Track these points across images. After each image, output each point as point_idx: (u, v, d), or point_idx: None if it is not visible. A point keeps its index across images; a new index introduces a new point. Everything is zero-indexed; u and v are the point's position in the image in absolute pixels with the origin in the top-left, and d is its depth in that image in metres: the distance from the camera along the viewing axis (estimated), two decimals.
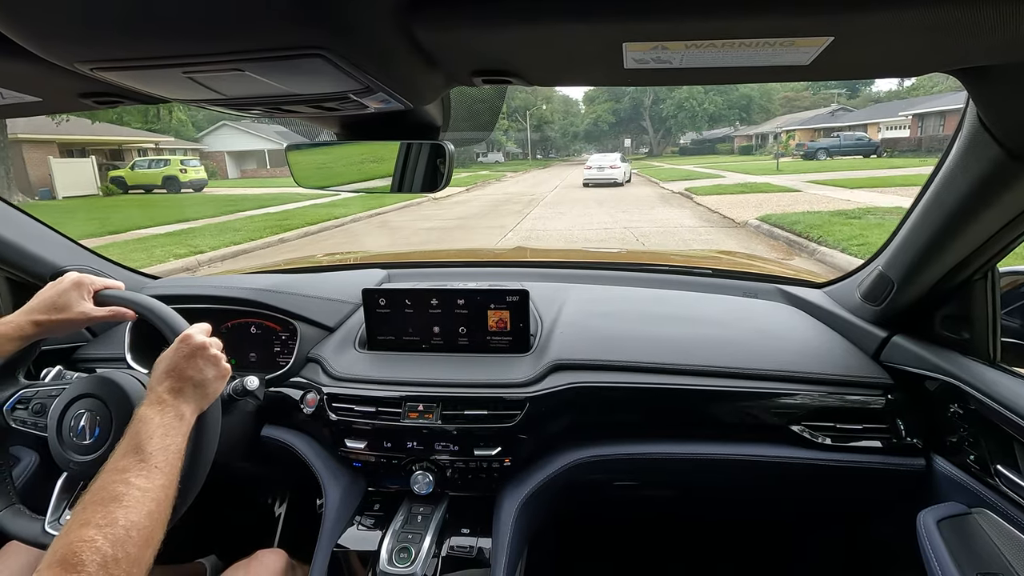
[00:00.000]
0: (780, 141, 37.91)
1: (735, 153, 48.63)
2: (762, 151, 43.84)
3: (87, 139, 23.46)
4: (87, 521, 0.61)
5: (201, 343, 0.88)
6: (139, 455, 0.71)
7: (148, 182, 22.84)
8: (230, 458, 1.16)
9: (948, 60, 0.61)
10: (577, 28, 0.50)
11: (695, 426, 1.21)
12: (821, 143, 29.90)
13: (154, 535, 0.66)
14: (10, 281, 1.38)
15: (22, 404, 1.04)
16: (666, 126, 59.62)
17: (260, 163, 36.81)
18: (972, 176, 0.83)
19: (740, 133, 53.24)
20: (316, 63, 0.49)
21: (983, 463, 0.97)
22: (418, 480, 1.15)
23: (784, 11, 0.46)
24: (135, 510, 0.65)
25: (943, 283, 1.03)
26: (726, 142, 54.44)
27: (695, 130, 57.42)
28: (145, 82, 0.57)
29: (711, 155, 49.28)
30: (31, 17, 0.45)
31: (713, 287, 1.60)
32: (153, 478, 0.70)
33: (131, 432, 0.74)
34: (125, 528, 0.62)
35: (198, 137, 36.63)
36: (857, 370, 1.18)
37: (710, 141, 56.18)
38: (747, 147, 47.76)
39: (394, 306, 1.29)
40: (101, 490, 0.66)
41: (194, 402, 0.84)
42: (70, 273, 0.99)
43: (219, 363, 0.90)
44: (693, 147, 56.62)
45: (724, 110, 53.29)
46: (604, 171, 20.20)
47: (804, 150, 29.79)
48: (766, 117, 54.08)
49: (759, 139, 47.93)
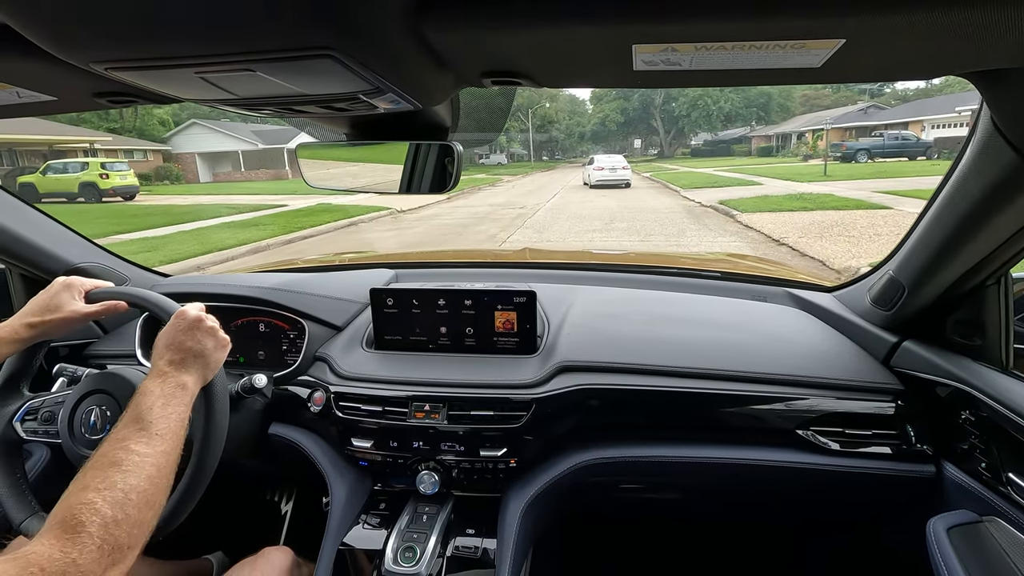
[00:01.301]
0: (805, 141, 35.99)
1: (753, 155, 44.48)
2: (784, 152, 40.27)
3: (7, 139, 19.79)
4: (86, 485, 0.62)
5: (196, 316, 0.90)
6: (139, 424, 0.72)
7: (63, 189, 18.94)
8: (238, 455, 1.17)
9: (962, 63, 0.60)
10: (586, 30, 0.50)
11: (702, 429, 1.20)
12: (862, 143, 26.11)
13: (155, 498, 0.67)
14: (25, 278, 1.40)
15: (31, 415, 1.06)
16: (678, 126, 54.56)
17: (235, 165, 34.02)
18: (985, 181, 0.82)
19: (758, 133, 48.58)
20: (326, 64, 0.50)
21: (994, 471, 0.96)
22: (424, 480, 1.15)
23: (795, 13, 0.46)
24: (134, 474, 0.65)
25: (955, 288, 1.02)
26: (742, 143, 49.87)
27: (710, 130, 52.54)
28: (158, 82, 0.58)
29: (726, 157, 44.83)
30: (48, 18, 0.45)
31: (722, 290, 1.59)
32: (153, 444, 0.70)
33: (132, 404, 0.75)
34: (124, 491, 0.63)
35: (165, 137, 33.66)
36: (867, 375, 1.17)
37: (725, 142, 51.39)
38: (767, 148, 43.55)
39: (401, 306, 1.29)
40: (102, 457, 0.67)
41: (196, 372, 0.85)
42: (60, 278, 1.02)
43: (216, 334, 0.91)
44: (706, 148, 51.60)
45: (741, 109, 48.96)
46: (617, 172, 20.04)
47: (842, 151, 25.90)
48: (785, 116, 49.61)
49: (780, 139, 43.65)
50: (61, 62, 0.52)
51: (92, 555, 0.56)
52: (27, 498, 1.00)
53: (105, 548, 0.57)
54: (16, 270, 1.39)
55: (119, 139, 29.33)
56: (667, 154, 56.39)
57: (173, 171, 30.84)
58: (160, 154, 32.04)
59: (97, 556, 0.56)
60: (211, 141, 32.89)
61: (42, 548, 0.54)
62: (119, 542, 0.59)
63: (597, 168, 20.55)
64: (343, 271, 1.79)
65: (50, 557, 0.53)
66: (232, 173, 33.73)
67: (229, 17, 0.44)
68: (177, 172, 31.18)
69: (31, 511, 0.98)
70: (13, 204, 1.30)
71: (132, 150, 29.46)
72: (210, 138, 32.81)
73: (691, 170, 28.20)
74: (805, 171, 21.15)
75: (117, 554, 0.58)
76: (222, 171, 34.27)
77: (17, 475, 1.02)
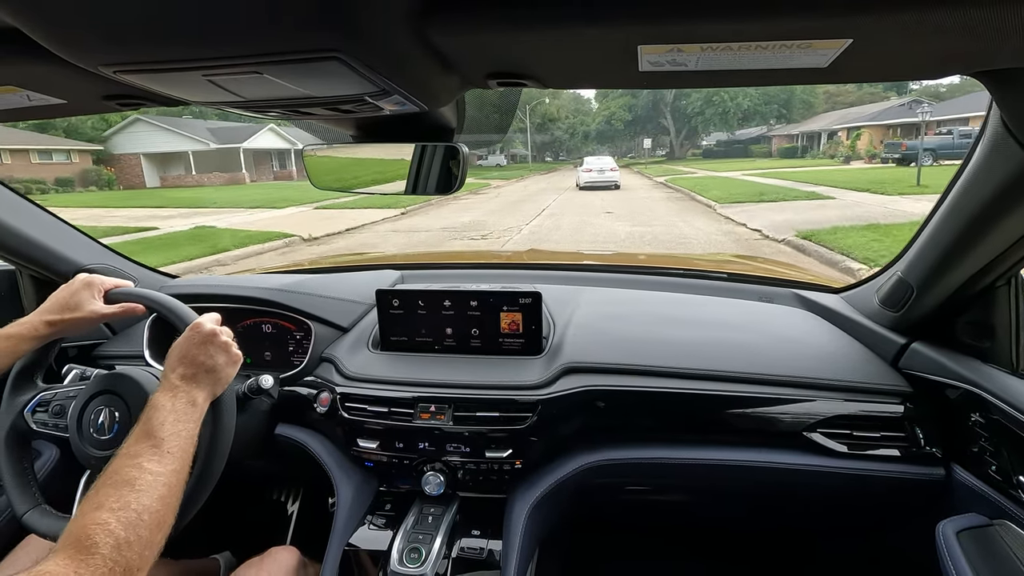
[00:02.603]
0: (838, 141, 32.97)
1: (775, 156, 41.00)
2: (813, 154, 36.66)
3: None
4: (100, 504, 0.63)
5: (211, 330, 0.90)
6: (151, 440, 0.72)
7: None
8: (244, 455, 1.17)
9: (971, 63, 0.60)
10: (591, 31, 0.50)
11: (708, 431, 1.20)
12: (929, 142, 20.31)
13: (166, 518, 0.67)
14: (35, 279, 1.42)
15: (42, 407, 1.07)
16: (691, 124, 48.85)
17: (188, 167, 29.89)
18: (995, 181, 0.81)
19: (779, 132, 45.08)
20: (332, 66, 0.50)
21: (1005, 473, 0.95)
22: (429, 481, 1.15)
23: (801, 13, 0.46)
24: (147, 494, 0.66)
25: (965, 289, 1.01)
26: (761, 143, 46.62)
27: (726, 129, 47.83)
28: (166, 84, 0.58)
29: (744, 159, 41.03)
30: (58, 21, 0.46)
31: (728, 291, 1.58)
32: (165, 463, 0.71)
33: (144, 418, 0.76)
34: (137, 512, 0.63)
35: (105, 136, 28.89)
36: (875, 377, 1.16)
37: (741, 142, 47.90)
38: (790, 149, 40.17)
39: (407, 307, 1.30)
40: (115, 474, 0.67)
41: (207, 388, 0.86)
42: (80, 275, 1.02)
43: (229, 349, 0.92)
44: (719, 149, 47.92)
45: (760, 105, 43.26)
46: (604, 174, 20.43)
47: (901, 151, 21.30)
48: (806, 115, 45.24)
49: (806, 139, 40.06)
50: (71, 65, 0.52)
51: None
52: (32, 490, 1.01)
53: (116, 570, 0.58)
54: (26, 271, 1.41)
55: (35, 137, 25.32)
56: (678, 155, 52.37)
57: (104, 175, 26.95)
58: (89, 155, 27.60)
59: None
60: (158, 140, 28.54)
61: (55, 568, 0.55)
62: (130, 564, 0.59)
63: (585, 170, 20.94)
64: (349, 272, 1.80)
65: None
66: (184, 176, 29.72)
67: (236, 19, 0.45)
68: (109, 176, 27.23)
69: (34, 503, 0.99)
70: (23, 206, 1.32)
71: (51, 150, 25.34)
72: (156, 137, 28.49)
73: (713, 174, 24.69)
74: (879, 177, 16.02)
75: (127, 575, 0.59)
76: (172, 174, 30.29)
77: (24, 466, 1.03)
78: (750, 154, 44.46)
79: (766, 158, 40.65)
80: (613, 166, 21.02)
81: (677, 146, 53.21)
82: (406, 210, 14.44)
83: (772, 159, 39.06)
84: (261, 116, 0.76)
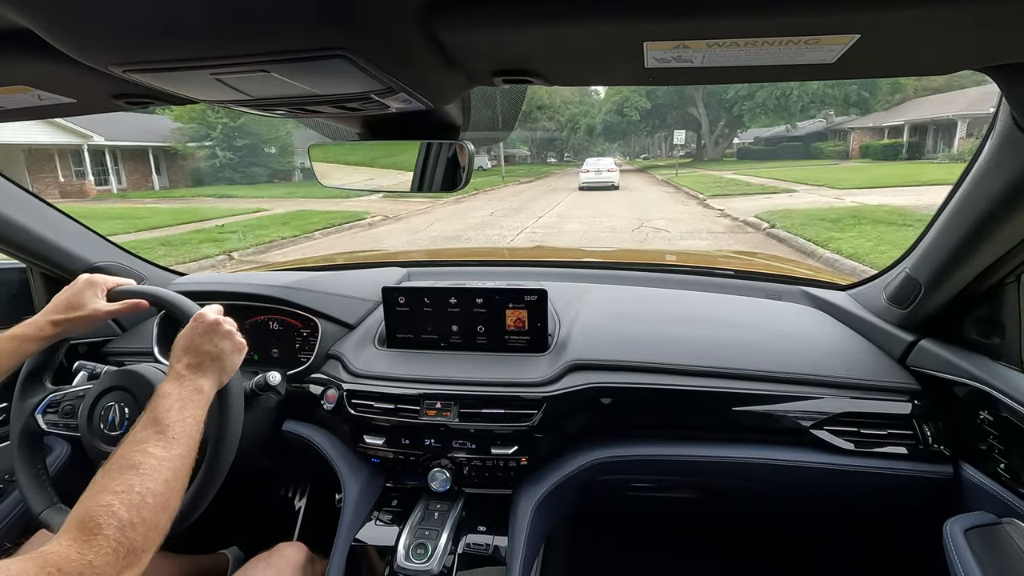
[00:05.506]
0: (979, 136, 24.71)
1: (853, 157, 29.02)
2: (938, 154, 24.21)
3: None
4: (104, 487, 0.64)
5: (214, 320, 0.91)
6: (157, 426, 0.73)
7: None
8: (252, 452, 1.18)
9: (980, 57, 0.59)
10: (597, 28, 0.50)
11: (715, 429, 1.20)
12: None
13: (170, 501, 0.68)
14: (45, 277, 1.43)
15: (52, 407, 1.09)
16: (732, 113, 33.73)
17: None
18: (1005, 177, 0.80)
19: (858, 125, 31.05)
20: (339, 64, 0.50)
21: (1013, 471, 0.94)
22: (435, 477, 1.15)
23: (808, 9, 0.45)
24: (151, 477, 0.66)
25: (973, 286, 1.00)
26: (828, 139, 33.36)
27: (786, 119, 33.18)
28: (174, 83, 0.59)
29: (804, 159, 29.75)
30: (68, 21, 0.46)
31: (735, 288, 1.58)
32: (170, 448, 0.72)
33: (151, 407, 0.77)
34: (141, 494, 0.64)
35: None
36: (883, 374, 1.15)
37: (799, 138, 34.92)
38: (889, 147, 26.54)
39: (413, 304, 1.30)
40: (120, 459, 0.68)
41: (212, 376, 0.87)
42: (83, 275, 1.04)
43: (233, 337, 0.93)
44: (760, 148, 35.96)
45: (831, 87, 28.86)
46: (602, 174, 20.61)
47: None
48: (887, 104, 31.13)
49: (916, 133, 26.49)
50: (81, 65, 0.53)
51: (108, 557, 0.57)
52: (47, 489, 1.02)
53: (120, 551, 0.58)
54: (37, 269, 1.42)
55: None
56: (711, 155, 37.66)
57: None
58: None
59: (112, 559, 0.58)
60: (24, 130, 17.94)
61: (60, 549, 0.56)
62: (134, 545, 0.60)
63: (584, 171, 21.30)
64: (355, 269, 1.80)
65: (67, 558, 0.55)
66: None
67: (244, 19, 0.45)
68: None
69: (50, 502, 1.00)
70: (34, 204, 1.33)
71: None
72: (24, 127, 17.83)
73: (863, 190, 13.25)
74: None
75: (132, 557, 0.60)
76: None
77: (38, 466, 1.05)
78: (817, 155, 31.62)
79: (836, 159, 28.96)
80: (611, 167, 21.24)
81: (711, 143, 38.32)
82: None
83: (855, 162, 26.66)
84: (268, 115, 0.76)
